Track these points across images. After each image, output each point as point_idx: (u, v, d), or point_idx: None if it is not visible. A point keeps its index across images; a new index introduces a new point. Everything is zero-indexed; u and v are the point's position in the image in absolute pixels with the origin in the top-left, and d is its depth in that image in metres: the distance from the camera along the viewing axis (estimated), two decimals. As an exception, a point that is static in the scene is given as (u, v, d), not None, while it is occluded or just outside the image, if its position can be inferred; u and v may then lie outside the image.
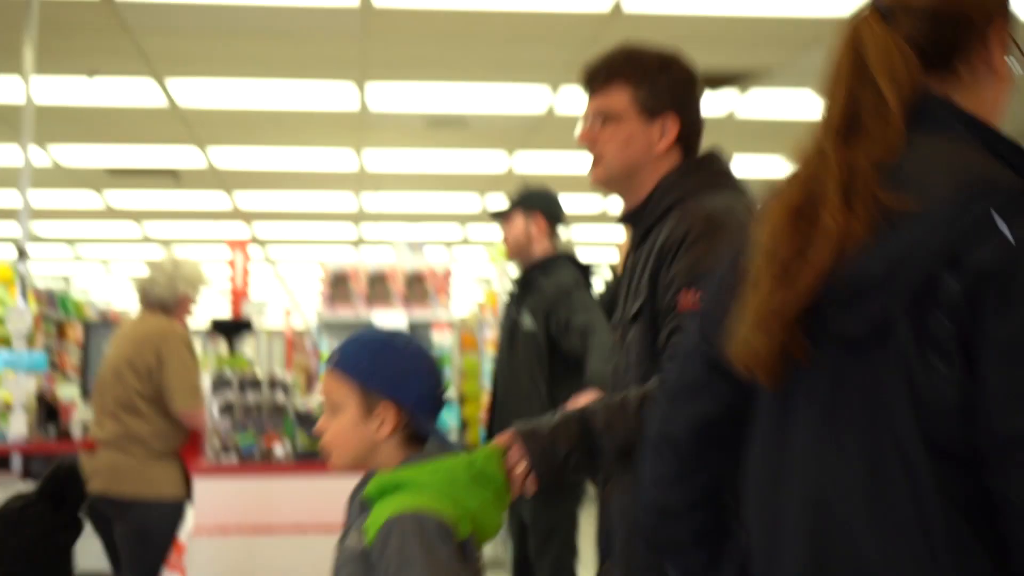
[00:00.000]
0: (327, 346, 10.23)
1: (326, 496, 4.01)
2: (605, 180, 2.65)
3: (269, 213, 16.17)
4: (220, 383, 4.14)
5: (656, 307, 2.48)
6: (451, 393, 6.52)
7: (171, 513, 4.84)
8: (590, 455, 2.33)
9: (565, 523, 4.97)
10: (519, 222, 5.09)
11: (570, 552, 5.01)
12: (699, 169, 2.64)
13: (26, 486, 5.76)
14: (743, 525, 1.69)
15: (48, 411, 6.32)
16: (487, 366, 8.83)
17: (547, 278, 4.98)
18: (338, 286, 10.18)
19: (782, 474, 1.60)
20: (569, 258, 5.15)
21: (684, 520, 1.76)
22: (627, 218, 2.69)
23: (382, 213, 15.80)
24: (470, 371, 9.12)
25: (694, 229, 2.42)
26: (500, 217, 5.16)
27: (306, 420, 4.11)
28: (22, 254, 6.41)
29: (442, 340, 9.42)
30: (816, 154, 1.62)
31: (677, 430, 1.75)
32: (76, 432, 5.79)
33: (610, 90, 2.61)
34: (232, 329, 5.06)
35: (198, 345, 5.35)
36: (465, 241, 17.35)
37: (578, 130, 2.67)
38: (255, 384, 4.14)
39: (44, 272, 19.68)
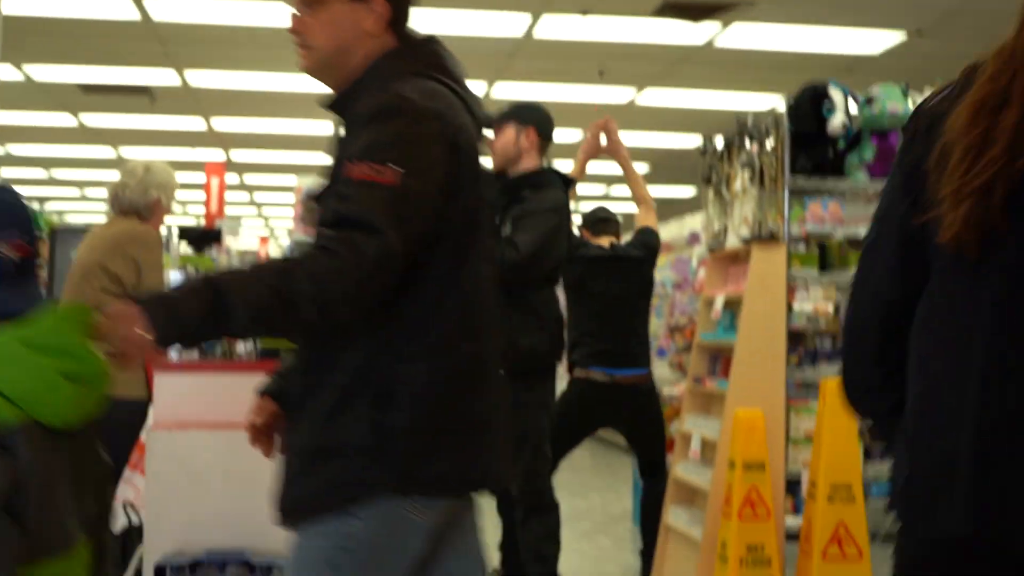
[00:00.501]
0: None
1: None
2: (317, 67, 2.55)
3: (246, 137, 16.06)
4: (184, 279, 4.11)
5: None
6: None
7: (133, 412, 4.81)
8: (220, 319, 2.18)
9: (535, 431, 4.99)
10: (510, 132, 5.11)
11: (542, 460, 5.04)
12: (407, 55, 2.54)
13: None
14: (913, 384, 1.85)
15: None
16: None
17: (535, 192, 4.98)
18: (312, 207, 10.12)
19: (972, 336, 1.72)
20: (558, 174, 5.15)
21: (885, 393, 1.94)
22: (332, 105, 2.58)
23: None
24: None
25: (373, 110, 2.36)
26: (492, 124, 5.15)
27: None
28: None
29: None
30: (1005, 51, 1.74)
31: (871, 314, 1.94)
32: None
33: None
34: (200, 238, 5.02)
35: (164, 250, 5.31)
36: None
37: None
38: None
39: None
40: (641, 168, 17.77)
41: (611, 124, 5.82)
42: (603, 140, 5.82)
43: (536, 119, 5.18)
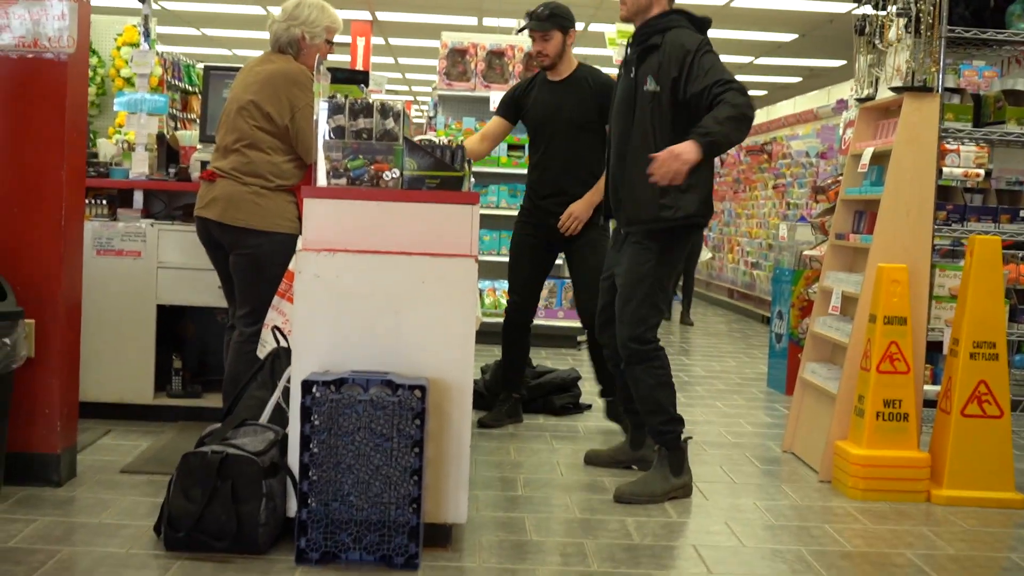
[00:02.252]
0: (443, 122, 10.29)
1: (432, 223, 4.10)
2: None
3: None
4: (333, 108, 4.17)
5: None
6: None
7: (284, 244, 4.95)
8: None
9: (652, 278, 4.99)
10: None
11: (651, 309, 5.01)
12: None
13: (145, 223, 5.96)
14: None
15: (169, 153, 6.48)
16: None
17: (666, 38, 4.91)
18: (456, 62, 10.14)
19: None
20: (686, 15, 5.06)
21: None
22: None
23: (504, 5, 15.60)
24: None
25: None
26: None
27: (416, 149, 4.15)
28: (145, -3, 6.47)
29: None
30: None
31: None
32: (195, 173, 5.92)
33: None
34: (347, 79, 5.06)
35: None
36: (585, 31, 17.10)
37: None
38: (367, 110, 4.16)
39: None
40: (790, 36, 17.35)
41: None
42: None
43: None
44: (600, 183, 5.90)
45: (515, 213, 6.67)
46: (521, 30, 6.20)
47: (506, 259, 6.46)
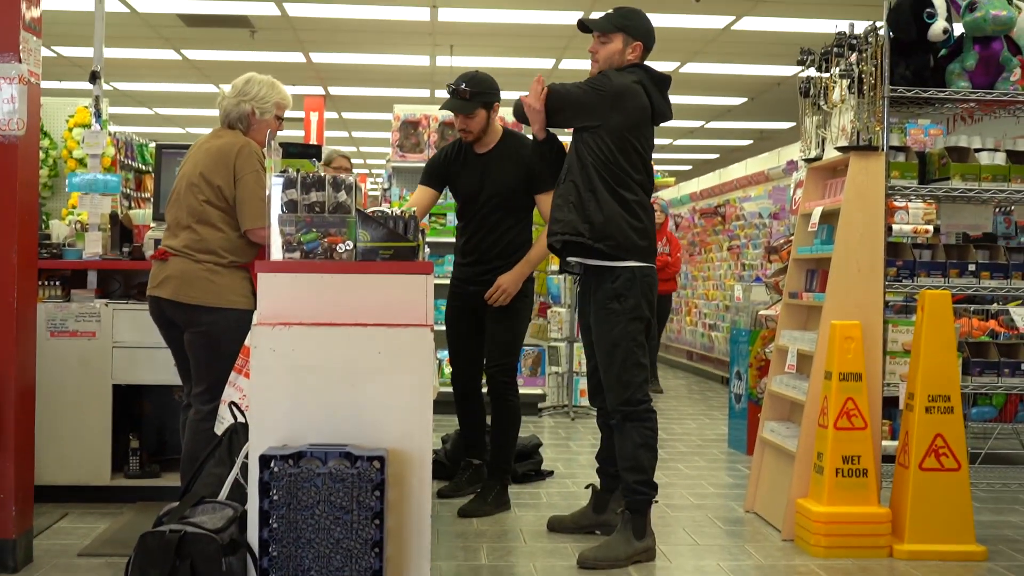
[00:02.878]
0: (397, 194, 10.33)
1: (387, 294, 4.11)
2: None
3: (344, 70, 16.16)
4: (285, 183, 4.19)
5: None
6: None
7: (238, 321, 4.93)
8: None
9: (626, 339, 5.03)
10: (618, 43, 5.13)
11: (635, 369, 5.06)
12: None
13: (100, 303, 5.93)
14: None
15: (123, 232, 6.46)
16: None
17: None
18: (409, 134, 10.21)
19: None
20: (647, 70, 5.14)
21: None
22: None
23: (456, 69, 15.75)
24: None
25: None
26: (599, 30, 5.19)
27: (369, 221, 4.17)
28: (95, 77, 6.49)
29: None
30: None
31: None
32: (149, 252, 5.91)
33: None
34: (300, 153, 5.08)
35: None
36: (555, 68, 17.24)
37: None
38: (319, 183, 4.18)
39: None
40: (739, 100, 17.59)
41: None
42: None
43: (643, 34, 5.17)
44: (531, 254, 5.94)
45: None
46: (443, 108, 6.01)
47: None
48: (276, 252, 4.18)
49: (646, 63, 5.18)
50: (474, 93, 5.88)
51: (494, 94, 5.98)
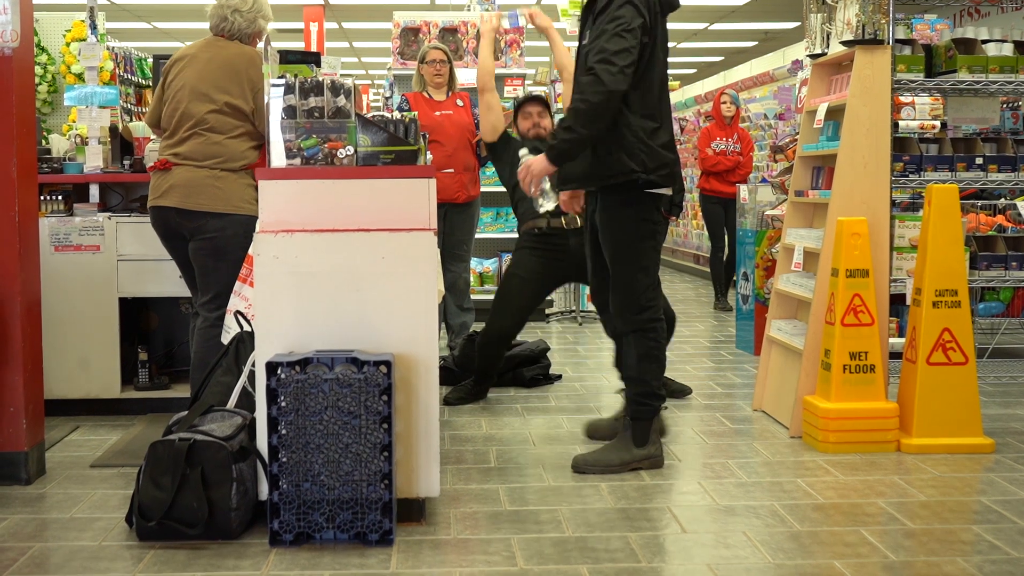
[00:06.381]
0: (398, 100, 10.23)
1: (389, 199, 4.08)
2: None
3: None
4: (284, 89, 4.14)
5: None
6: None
7: (245, 226, 4.93)
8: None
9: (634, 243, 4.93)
10: None
11: (645, 280, 4.91)
12: None
13: (103, 216, 5.91)
14: None
15: (123, 145, 6.42)
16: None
17: None
18: (410, 41, 10.09)
19: None
20: None
21: None
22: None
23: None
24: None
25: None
26: None
27: (369, 126, 4.12)
28: (89, -13, 6.40)
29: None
30: None
31: None
32: (150, 163, 5.87)
33: None
34: (299, 60, 5.03)
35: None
36: (538, 3, 17.05)
37: None
38: (317, 88, 4.14)
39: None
40: (743, 0, 17.35)
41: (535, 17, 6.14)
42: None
43: None
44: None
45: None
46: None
47: (502, 235, 6.28)
48: (276, 159, 4.14)
49: None
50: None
51: None
